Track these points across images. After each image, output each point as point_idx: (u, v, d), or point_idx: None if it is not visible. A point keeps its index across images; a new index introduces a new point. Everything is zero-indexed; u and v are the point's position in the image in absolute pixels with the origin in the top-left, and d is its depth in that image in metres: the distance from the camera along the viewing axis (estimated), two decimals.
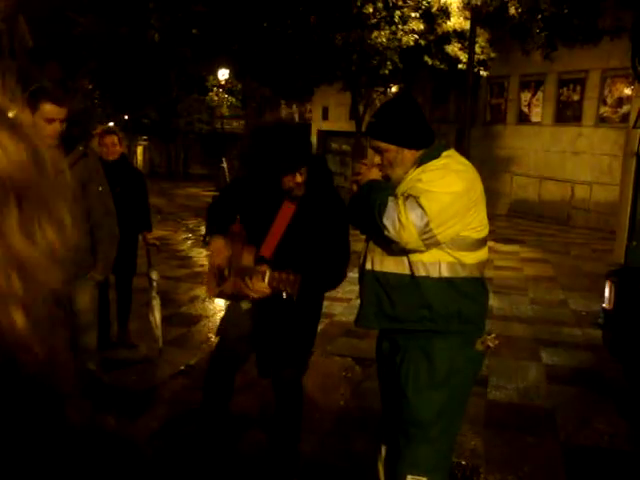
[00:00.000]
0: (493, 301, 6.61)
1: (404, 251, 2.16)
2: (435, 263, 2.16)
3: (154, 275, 4.64)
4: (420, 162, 2.23)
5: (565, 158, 15.15)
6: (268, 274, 2.41)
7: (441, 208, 2.07)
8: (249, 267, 2.59)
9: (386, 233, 2.09)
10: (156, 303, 4.53)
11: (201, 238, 11.18)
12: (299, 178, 2.59)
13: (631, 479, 3.24)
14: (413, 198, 2.08)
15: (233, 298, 2.83)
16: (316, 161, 2.75)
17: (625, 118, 13.45)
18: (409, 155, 2.24)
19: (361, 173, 2.27)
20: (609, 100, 14.12)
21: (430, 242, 2.09)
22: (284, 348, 2.75)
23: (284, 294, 2.39)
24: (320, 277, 2.60)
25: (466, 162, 2.26)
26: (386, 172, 2.27)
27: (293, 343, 2.76)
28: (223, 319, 3.06)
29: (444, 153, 2.24)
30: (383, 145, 2.25)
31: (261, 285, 2.45)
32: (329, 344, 5.04)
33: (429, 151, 2.25)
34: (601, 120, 14.27)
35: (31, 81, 3.41)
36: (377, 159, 2.29)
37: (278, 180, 2.60)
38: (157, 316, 4.52)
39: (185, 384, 4.23)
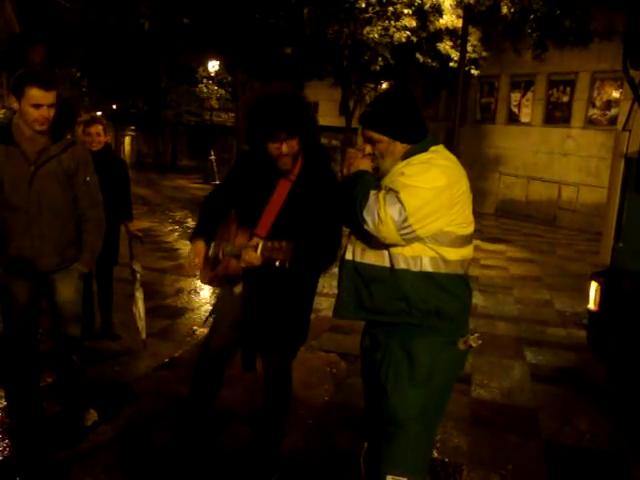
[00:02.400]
0: (478, 300, 6.64)
1: (384, 244, 2.15)
2: (417, 257, 2.15)
3: (137, 267, 4.60)
4: (407, 155, 2.22)
5: (553, 159, 15.25)
6: (261, 244, 2.39)
7: (421, 203, 2.05)
8: (243, 244, 2.56)
9: (365, 227, 2.08)
10: (139, 295, 4.49)
11: (188, 230, 11.12)
12: (285, 148, 2.53)
13: (611, 478, 3.27)
14: (393, 193, 2.07)
15: (226, 281, 2.80)
16: (313, 140, 2.69)
17: (613, 120, 13.57)
18: (400, 148, 2.23)
19: (353, 158, 2.25)
20: (598, 102, 14.22)
21: (409, 237, 2.09)
22: (274, 331, 2.72)
23: (277, 262, 2.35)
24: (312, 246, 2.53)
25: (452, 157, 2.24)
26: (376, 163, 2.26)
27: (284, 327, 2.72)
28: (215, 307, 3.03)
29: (432, 148, 2.22)
30: (376, 135, 2.23)
31: (253, 256, 2.41)
32: (314, 339, 5.02)
33: (417, 145, 2.23)
34: (589, 122, 14.37)
35: (18, 67, 3.33)
36: (369, 149, 2.27)
37: (266, 151, 2.56)
38: (140, 308, 4.47)
39: (169, 376, 4.20)
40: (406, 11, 13.22)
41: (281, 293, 2.68)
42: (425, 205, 2.05)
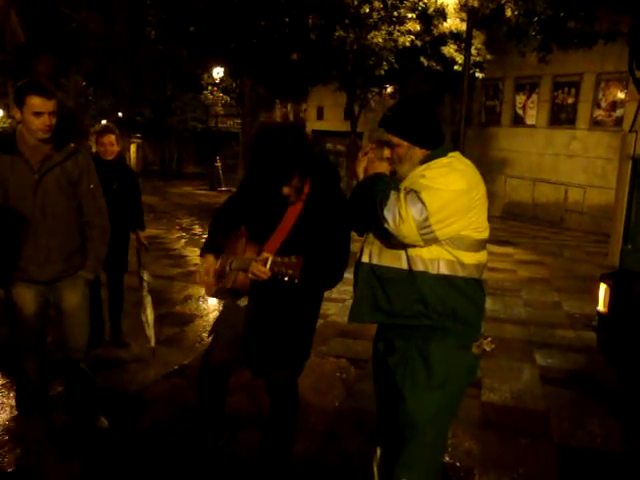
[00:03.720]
0: (487, 303, 6.56)
1: (403, 245, 2.16)
2: (434, 260, 2.17)
3: (145, 275, 4.64)
4: (426, 160, 2.24)
5: (559, 161, 15.22)
6: (270, 259, 2.38)
7: (442, 205, 2.07)
8: (251, 258, 2.55)
9: (386, 226, 2.09)
10: (148, 302, 4.50)
11: (195, 237, 11.16)
12: (286, 190, 2.55)
13: None
14: (414, 193, 2.08)
15: (232, 294, 2.80)
16: (319, 163, 2.71)
17: (619, 122, 13.54)
18: (419, 153, 2.25)
19: (371, 160, 2.26)
20: (603, 104, 14.19)
21: (428, 238, 2.10)
22: (279, 348, 2.72)
23: (286, 278, 2.34)
24: (322, 263, 2.53)
25: (470, 163, 2.27)
26: (394, 167, 2.27)
27: (288, 343, 2.72)
28: (218, 319, 3.04)
29: (450, 154, 2.25)
30: (396, 140, 2.25)
31: (262, 270, 2.41)
32: (323, 345, 5.02)
33: (435, 150, 2.25)
34: (595, 123, 14.34)
35: (24, 76, 3.38)
36: (387, 152, 2.29)
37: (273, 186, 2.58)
38: (149, 316, 4.48)
39: (178, 384, 4.20)
40: (410, 15, 13.25)
41: (286, 309, 2.68)
42: (445, 206, 2.07)
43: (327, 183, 2.70)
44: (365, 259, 2.30)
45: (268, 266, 2.37)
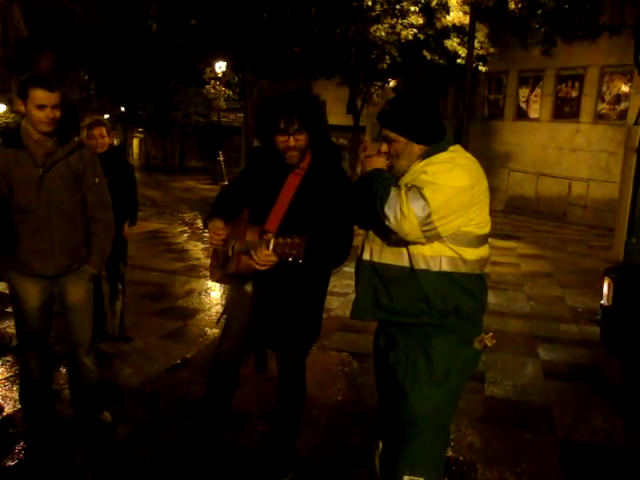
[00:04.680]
0: (490, 297, 6.53)
1: (404, 242, 2.14)
2: (436, 257, 2.14)
3: (121, 265, 4.81)
4: (426, 155, 2.20)
5: (562, 154, 15.15)
6: (273, 241, 2.35)
7: (444, 201, 2.04)
8: (253, 241, 2.54)
9: (387, 223, 2.06)
10: (119, 292, 4.74)
11: (198, 232, 11.15)
12: (292, 141, 2.53)
13: (627, 475, 3.24)
14: (416, 189, 2.05)
15: (237, 279, 2.79)
16: (322, 136, 2.69)
17: (623, 115, 13.47)
18: (417, 149, 2.21)
19: (370, 156, 2.24)
20: (607, 97, 14.12)
21: (431, 234, 2.07)
22: (287, 328, 2.71)
23: (290, 259, 2.31)
24: (325, 240, 2.50)
25: (471, 157, 2.23)
26: (392, 162, 2.25)
27: (296, 323, 2.71)
28: (225, 310, 3.04)
29: (450, 147, 2.21)
30: (393, 135, 2.22)
31: (266, 253, 2.39)
32: (326, 339, 5.02)
33: (436, 144, 2.22)
34: (599, 117, 14.28)
35: (26, 71, 3.36)
36: (384, 147, 2.26)
37: (275, 146, 2.58)
38: (118, 305, 4.76)
39: (182, 377, 4.21)
40: (413, 8, 13.19)
41: (293, 289, 2.67)
42: (448, 203, 2.04)
43: (327, 158, 2.69)
44: (366, 257, 2.28)
45: (271, 248, 2.35)
